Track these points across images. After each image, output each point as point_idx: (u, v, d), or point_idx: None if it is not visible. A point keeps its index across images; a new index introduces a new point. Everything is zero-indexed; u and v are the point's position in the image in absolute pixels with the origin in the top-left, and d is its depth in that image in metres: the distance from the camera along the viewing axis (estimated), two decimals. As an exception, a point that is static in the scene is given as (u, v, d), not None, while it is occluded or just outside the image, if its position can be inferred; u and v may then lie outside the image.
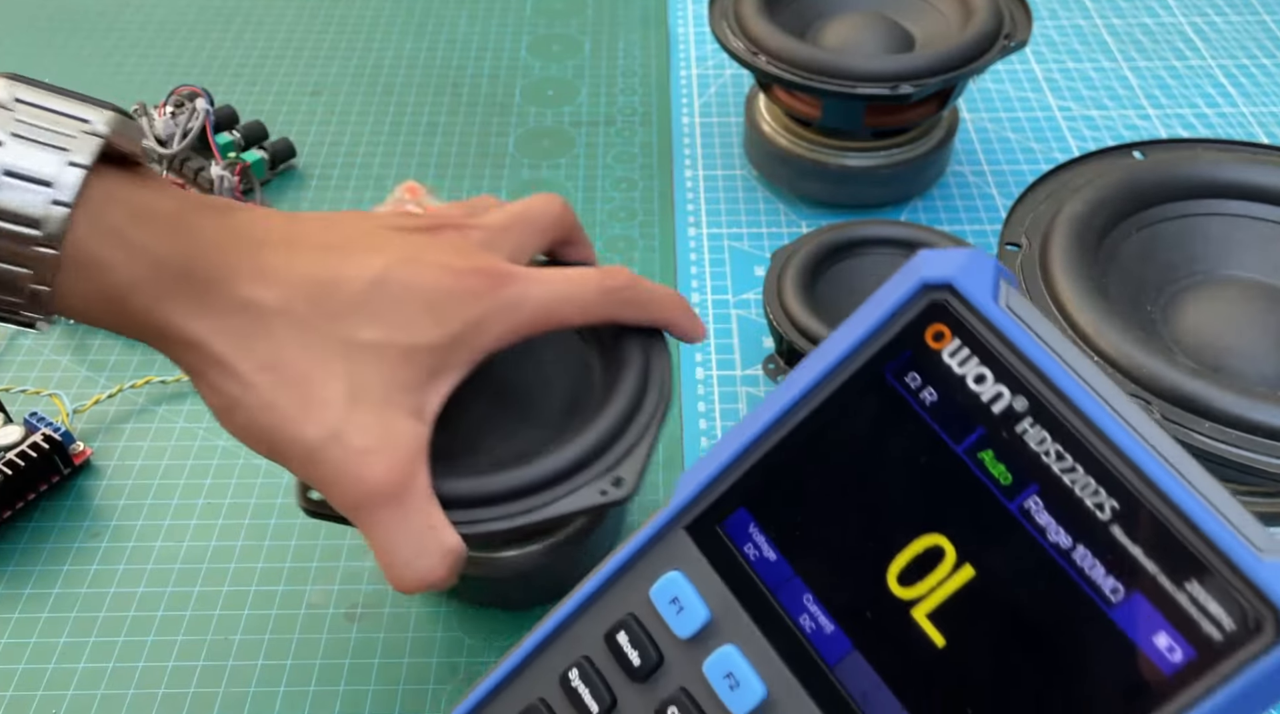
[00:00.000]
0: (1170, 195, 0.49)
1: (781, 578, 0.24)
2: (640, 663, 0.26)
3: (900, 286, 0.24)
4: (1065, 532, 0.21)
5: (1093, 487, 0.21)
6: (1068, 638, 0.21)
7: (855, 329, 0.24)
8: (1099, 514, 0.21)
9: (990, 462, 0.22)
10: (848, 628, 0.23)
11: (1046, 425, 0.22)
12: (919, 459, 0.23)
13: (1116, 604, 0.21)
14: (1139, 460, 0.21)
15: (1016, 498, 0.22)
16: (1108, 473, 0.21)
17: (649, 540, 0.27)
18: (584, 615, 0.27)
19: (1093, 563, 0.21)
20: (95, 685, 0.44)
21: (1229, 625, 0.19)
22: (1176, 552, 0.20)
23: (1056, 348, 0.23)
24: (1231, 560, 0.20)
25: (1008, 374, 0.23)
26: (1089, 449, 0.21)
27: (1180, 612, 0.20)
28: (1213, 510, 0.20)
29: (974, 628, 0.22)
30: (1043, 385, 0.22)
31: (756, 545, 0.25)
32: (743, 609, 0.25)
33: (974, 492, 0.22)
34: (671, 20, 0.85)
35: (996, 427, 0.22)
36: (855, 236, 0.53)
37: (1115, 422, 0.21)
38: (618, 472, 0.36)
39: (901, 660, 0.23)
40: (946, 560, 0.22)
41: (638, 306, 0.40)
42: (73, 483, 0.52)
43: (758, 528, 0.25)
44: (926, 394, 0.24)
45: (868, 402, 0.24)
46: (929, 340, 0.24)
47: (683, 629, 0.25)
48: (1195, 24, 0.84)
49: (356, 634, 0.45)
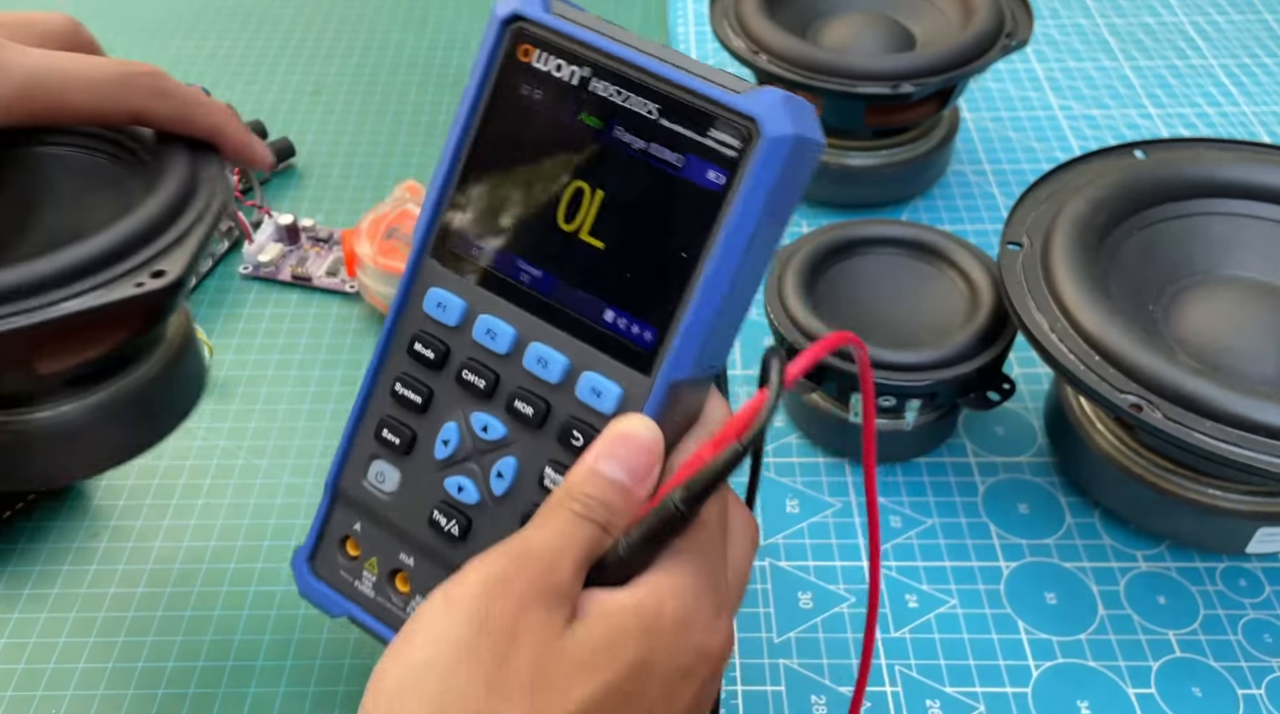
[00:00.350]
0: (1172, 195, 0.49)
1: (497, 256, 0.34)
2: (434, 355, 0.35)
3: (490, 33, 0.34)
4: (639, 138, 0.32)
5: (641, 102, 0.32)
6: (665, 202, 0.32)
7: (476, 71, 0.34)
8: (650, 116, 0.32)
9: (587, 118, 0.32)
10: (548, 268, 0.33)
11: (604, 77, 0.32)
12: (549, 139, 0.33)
13: (681, 167, 0.31)
14: (657, 70, 0.31)
15: (607, 133, 0.32)
16: (645, 87, 0.32)
17: (411, 276, 0.35)
18: (389, 348, 0.36)
19: (660, 149, 0.31)
20: (95, 686, 0.44)
21: (737, 143, 0.30)
22: (695, 115, 0.31)
23: (593, 26, 0.33)
24: (724, 104, 0.30)
25: (571, 55, 0.32)
26: (630, 79, 0.32)
27: (712, 151, 0.31)
28: (707, 82, 0.31)
29: (614, 226, 0.32)
30: (592, 52, 0.32)
31: (476, 244, 0.34)
32: (482, 288, 0.34)
33: (586, 141, 0.32)
34: (671, 20, 0.85)
35: (580, 93, 0.32)
36: (855, 236, 0.53)
37: (636, 54, 0.32)
38: (159, 264, 0.34)
39: (584, 269, 0.33)
40: (586, 194, 0.33)
41: (168, 100, 0.37)
42: (73, 483, 0.51)
43: (471, 232, 0.35)
44: (537, 94, 0.33)
45: (505, 117, 0.34)
46: (521, 57, 0.33)
47: (450, 319, 0.35)
48: (1197, 23, 0.84)
49: (356, 634, 0.45)
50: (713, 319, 0.31)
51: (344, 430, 0.37)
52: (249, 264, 0.63)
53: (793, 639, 0.45)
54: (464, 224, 0.35)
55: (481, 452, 0.35)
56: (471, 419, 0.35)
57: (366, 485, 0.37)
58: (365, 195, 0.69)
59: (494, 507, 0.35)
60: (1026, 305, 0.45)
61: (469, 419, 0.35)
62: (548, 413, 0.34)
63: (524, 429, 0.34)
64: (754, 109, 0.30)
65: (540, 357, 0.34)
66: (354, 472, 0.37)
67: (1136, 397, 0.40)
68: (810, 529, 0.49)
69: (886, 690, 0.43)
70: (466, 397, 0.35)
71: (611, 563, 0.30)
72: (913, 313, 0.51)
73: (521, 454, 0.34)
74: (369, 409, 0.37)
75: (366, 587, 0.38)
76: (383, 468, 0.37)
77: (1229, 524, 0.45)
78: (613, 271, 0.32)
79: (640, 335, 0.32)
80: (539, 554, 0.28)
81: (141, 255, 0.35)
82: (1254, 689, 0.43)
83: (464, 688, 0.26)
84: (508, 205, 0.34)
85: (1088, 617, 0.46)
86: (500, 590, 0.27)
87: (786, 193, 0.31)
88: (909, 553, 0.48)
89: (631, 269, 0.32)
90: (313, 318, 0.60)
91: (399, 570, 0.37)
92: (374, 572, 0.37)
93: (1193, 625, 0.45)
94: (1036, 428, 0.53)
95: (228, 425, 0.54)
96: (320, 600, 0.38)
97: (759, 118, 0.30)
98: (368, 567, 0.38)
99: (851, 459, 0.52)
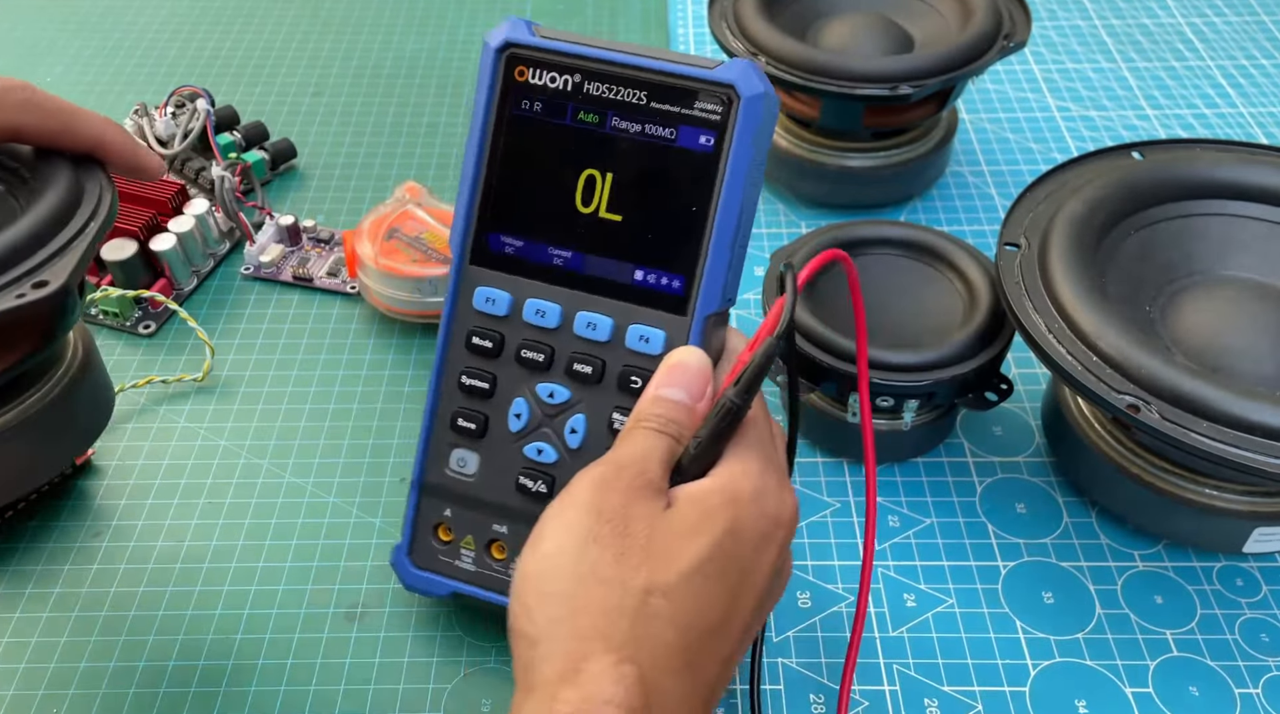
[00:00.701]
0: (1169, 195, 0.49)
1: (530, 249, 0.39)
2: (491, 344, 0.40)
3: (486, 62, 0.38)
4: (634, 122, 0.37)
5: (631, 92, 0.37)
6: (667, 170, 0.37)
7: (480, 98, 0.39)
8: (642, 102, 0.37)
9: (586, 116, 0.38)
10: (577, 246, 0.39)
11: (595, 79, 0.37)
12: (555, 140, 0.38)
13: (675, 138, 0.37)
14: (641, 64, 0.37)
15: (607, 125, 0.37)
16: (633, 80, 0.37)
17: (456, 283, 0.40)
18: (447, 351, 0.41)
19: (654, 128, 0.37)
20: (96, 685, 0.44)
21: (720, 109, 0.36)
22: (681, 93, 0.37)
23: (576, 39, 0.38)
24: (705, 79, 0.36)
25: (562, 67, 0.38)
26: (618, 75, 0.37)
27: (701, 119, 0.37)
28: (685, 65, 0.36)
29: (627, 200, 0.38)
30: (580, 61, 0.37)
31: (509, 243, 0.39)
32: (522, 278, 0.39)
33: (588, 135, 0.38)
34: (671, 20, 0.85)
35: (575, 97, 0.38)
36: (855, 236, 0.54)
37: (619, 54, 0.37)
38: (41, 275, 0.34)
39: (608, 241, 0.38)
40: (598, 179, 0.38)
41: (40, 113, 0.36)
42: (74, 483, 0.52)
43: (504, 234, 0.39)
44: (537, 106, 0.38)
45: (513, 131, 0.39)
46: (518, 78, 0.38)
47: (500, 310, 0.40)
48: (1194, 24, 0.84)
49: (356, 634, 0.45)
50: (729, 256, 0.37)
51: (420, 433, 0.42)
52: (250, 265, 0.63)
53: (791, 638, 0.45)
54: (495, 229, 0.40)
55: (551, 415, 0.40)
56: (537, 390, 0.40)
57: (450, 473, 0.42)
58: (366, 196, 0.69)
59: (572, 461, 0.40)
60: (1024, 306, 0.45)
61: (535, 391, 0.40)
62: (604, 368, 0.39)
63: (586, 387, 0.39)
64: (730, 77, 0.36)
65: (589, 322, 0.39)
66: (436, 465, 0.42)
67: (1133, 397, 0.40)
68: (809, 529, 0.49)
69: (884, 689, 0.43)
70: (528, 372, 0.40)
71: (687, 464, 0.34)
72: (911, 313, 0.51)
73: (588, 409, 0.40)
74: (439, 408, 0.42)
75: (467, 563, 0.42)
76: (463, 454, 0.42)
77: (1226, 524, 0.45)
78: (634, 238, 0.38)
79: (670, 285, 0.38)
80: (630, 462, 0.33)
81: (23, 267, 0.34)
82: (1251, 688, 0.43)
83: (595, 561, 0.31)
84: (530, 204, 0.39)
85: (1085, 616, 0.46)
86: (607, 488, 0.33)
87: (764, 139, 0.37)
88: (907, 552, 0.48)
89: (651, 231, 0.38)
90: (314, 318, 0.60)
91: (494, 540, 0.42)
92: (471, 547, 0.42)
93: (1190, 625, 0.45)
94: (1034, 428, 0.54)
95: (229, 425, 0.54)
96: (426, 587, 0.43)
97: (735, 83, 0.36)
98: (464, 545, 0.42)
99: (850, 459, 0.52)
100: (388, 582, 0.47)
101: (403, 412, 0.55)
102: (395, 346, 0.58)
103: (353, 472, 0.52)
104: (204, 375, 0.56)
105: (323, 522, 0.50)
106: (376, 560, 0.48)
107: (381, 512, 0.50)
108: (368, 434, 0.54)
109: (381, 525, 0.50)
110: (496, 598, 0.42)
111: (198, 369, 0.57)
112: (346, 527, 0.50)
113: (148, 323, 0.60)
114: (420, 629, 0.45)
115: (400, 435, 0.53)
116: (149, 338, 0.59)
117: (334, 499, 0.51)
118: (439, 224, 0.58)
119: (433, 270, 0.56)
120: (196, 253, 0.62)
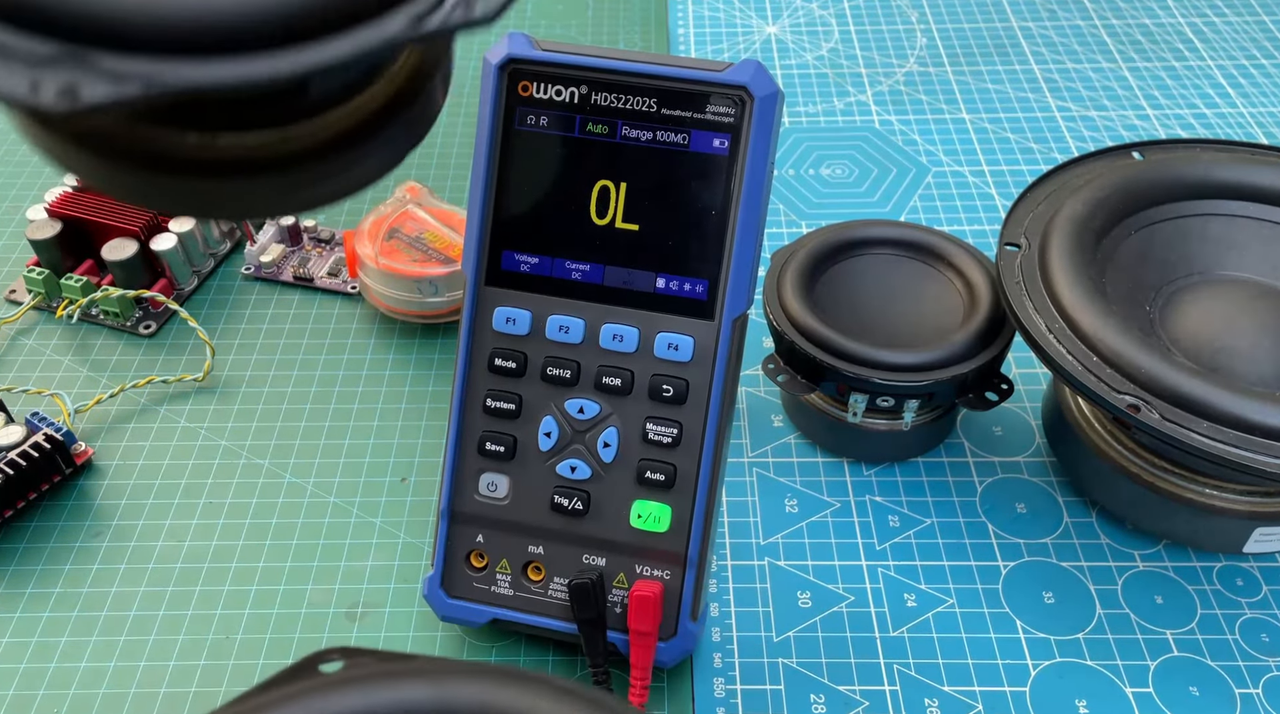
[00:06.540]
0: (1169, 196, 0.49)
1: (547, 265, 0.39)
2: (515, 364, 0.40)
3: (488, 79, 0.38)
4: (646, 129, 0.37)
5: (640, 100, 0.37)
6: (682, 176, 0.37)
7: (484, 112, 0.38)
8: (652, 109, 0.37)
9: (595, 128, 0.37)
10: (595, 259, 0.38)
11: (600, 89, 0.37)
12: (565, 153, 0.38)
13: (688, 144, 0.37)
14: (648, 70, 0.37)
15: (618, 135, 0.37)
16: (641, 87, 0.37)
17: (472, 305, 0.40)
18: (469, 375, 0.40)
19: (667, 133, 0.37)
20: (97, 685, 0.44)
21: (733, 110, 0.36)
22: (692, 98, 0.37)
23: (577, 51, 0.37)
24: (717, 81, 0.36)
25: (566, 79, 0.37)
26: (626, 84, 0.37)
27: (714, 123, 0.37)
28: (693, 69, 0.36)
29: (643, 209, 0.38)
30: (585, 72, 0.37)
31: (524, 261, 0.39)
32: (541, 294, 0.39)
33: (598, 146, 0.37)
34: (671, 20, 0.85)
35: (583, 108, 0.37)
36: (855, 237, 0.54)
37: (624, 63, 0.37)
38: None
39: (627, 251, 0.38)
40: (611, 190, 0.38)
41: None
42: (74, 483, 0.52)
43: (518, 252, 0.39)
44: (544, 120, 0.38)
45: (520, 147, 0.38)
46: (521, 92, 0.38)
47: (521, 330, 0.39)
48: (1194, 24, 0.84)
49: (357, 634, 0.45)
50: (753, 256, 0.37)
51: (444, 460, 0.41)
52: (251, 265, 0.63)
53: (791, 638, 0.45)
54: (509, 247, 0.39)
55: (582, 431, 0.40)
56: (566, 407, 0.40)
57: (480, 498, 0.41)
58: (366, 196, 0.69)
59: (607, 475, 0.40)
60: (1024, 306, 0.45)
61: (563, 408, 0.40)
62: (633, 378, 0.39)
63: (616, 399, 0.39)
64: (742, 79, 0.36)
65: (615, 333, 0.39)
66: (465, 491, 0.41)
67: (1133, 397, 0.40)
68: (809, 529, 0.49)
69: (885, 689, 0.43)
70: (555, 389, 0.40)
71: None
72: (911, 313, 0.51)
73: (620, 422, 0.39)
74: (464, 433, 0.41)
75: (503, 587, 0.41)
76: (492, 478, 0.41)
77: (1226, 524, 0.45)
78: (653, 246, 0.38)
79: (694, 290, 0.38)
80: None
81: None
82: (1251, 688, 0.43)
83: None
84: (543, 220, 0.39)
85: (1085, 616, 0.46)
86: None
87: (775, 138, 0.37)
88: (907, 552, 0.48)
89: (671, 238, 0.38)
90: (314, 318, 0.60)
91: (530, 562, 0.41)
92: (507, 571, 0.41)
93: (1190, 625, 0.45)
94: (1034, 428, 0.54)
95: (229, 425, 0.54)
96: (463, 616, 0.42)
97: (748, 84, 0.36)
98: (499, 569, 0.41)
99: (850, 459, 0.52)
100: (388, 581, 0.47)
101: (403, 412, 0.55)
102: (395, 347, 0.58)
103: (353, 472, 0.52)
104: (204, 375, 0.56)
105: (323, 522, 0.50)
106: (377, 560, 0.48)
107: (382, 512, 0.50)
108: (368, 434, 0.54)
109: (382, 525, 0.50)
110: (536, 620, 0.41)
111: (198, 369, 0.57)
112: (347, 526, 0.50)
113: (148, 323, 0.60)
114: (421, 629, 0.45)
115: (401, 435, 0.53)
116: (149, 338, 0.59)
117: (334, 499, 0.51)
118: (439, 224, 0.58)
119: (433, 270, 0.56)
120: (197, 253, 0.62)
